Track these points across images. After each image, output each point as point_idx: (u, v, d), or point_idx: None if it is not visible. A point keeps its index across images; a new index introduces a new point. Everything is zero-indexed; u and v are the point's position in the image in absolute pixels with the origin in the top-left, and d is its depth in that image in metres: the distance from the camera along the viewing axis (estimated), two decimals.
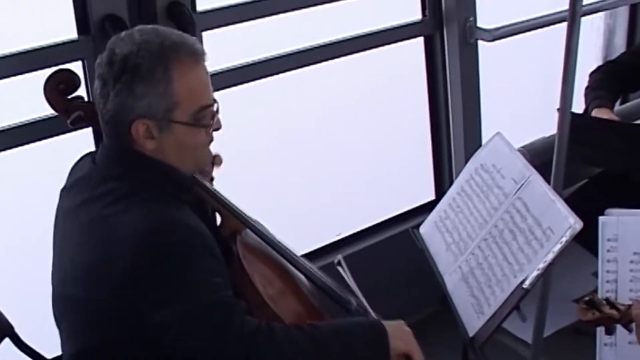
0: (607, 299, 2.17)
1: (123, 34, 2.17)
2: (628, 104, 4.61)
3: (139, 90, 2.10)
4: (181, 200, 2.21)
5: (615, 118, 3.63)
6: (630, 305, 2.16)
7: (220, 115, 2.25)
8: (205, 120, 2.20)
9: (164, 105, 2.12)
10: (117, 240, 2.08)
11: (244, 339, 2.10)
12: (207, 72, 2.21)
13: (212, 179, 2.55)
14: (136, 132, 2.14)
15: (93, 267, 2.12)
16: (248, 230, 2.51)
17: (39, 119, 2.75)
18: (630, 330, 2.19)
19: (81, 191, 2.24)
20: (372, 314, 2.58)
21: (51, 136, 2.79)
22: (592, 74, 3.87)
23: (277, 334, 2.13)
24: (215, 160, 2.53)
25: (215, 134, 2.31)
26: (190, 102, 2.15)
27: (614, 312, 2.15)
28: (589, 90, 3.78)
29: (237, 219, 2.48)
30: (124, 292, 2.07)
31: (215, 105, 2.23)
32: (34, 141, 2.79)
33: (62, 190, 2.35)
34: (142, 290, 2.06)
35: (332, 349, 2.19)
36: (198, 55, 2.17)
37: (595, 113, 3.63)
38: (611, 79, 3.79)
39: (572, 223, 2.28)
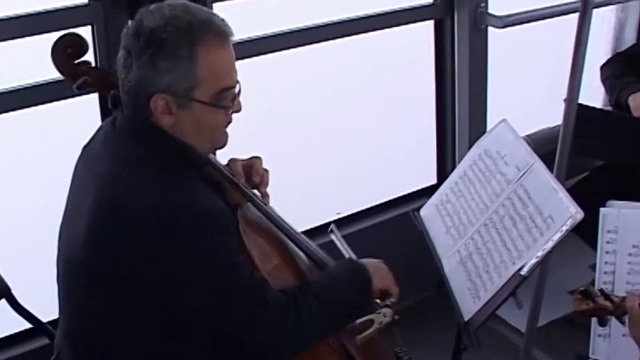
0: (601, 290, 2.18)
1: (152, 6, 2.16)
2: None
3: (162, 65, 2.09)
4: (195, 173, 2.21)
5: None
6: (624, 298, 2.17)
7: (239, 97, 2.24)
8: (226, 101, 2.19)
9: (185, 83, 2.11)
10: (136, 213, 2.07)
11: (276, 314, 2.16)
12: (232, 54, 2.19)
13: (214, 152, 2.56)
14: (155, 106, 2.13)
15: (99, 237, 2.12)
16: (249, 204, 2.51)
17: (45, 82, 2.75)
18: (623, 323, 2.20)
19: (95, 155, 2.25)
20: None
21: (58, 99, 2.79)
22: (604, 66, 3.86)
23: (300, 305, 2.21)
24: (264, 175, 2.58)
25: None
26: (213, 82, 2.14)
27: (607, 303, 2.16)
28: (611, 80, 3.75)
29: (239, 192, 2.48)
30: (144, 273, 2.08)
31: (238, 87, 2.23)
32: (40, 104, 2.79)
33: (83, 149, 2.35)
34: (163, 271, 2.07)
35: (331, 303, 2.29)
36: (225, 36, 2.16)
37: (634, 99, 3.61)
38: (630, 68, 3.77)
39: (573, 212, 2.28)
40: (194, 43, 2.10)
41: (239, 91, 2.23)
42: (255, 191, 2.53)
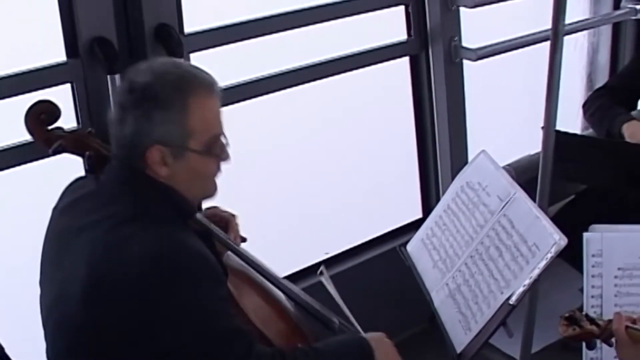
0: (587, 315, 2.20)
1: (143, 65, 2.26)
2: None
3: (157, 117, 2.17)
4: (185, 225, 2.26)
5: None
6: (610, 321, 2.18)
7: (228, 146, 2.31)
8: (217, 150, 2.27)
9: (180, 133, 2.19)
10: (127, 265, 2.09)
11: None
12: (219, 104, 2.29)
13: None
14: (151, 157, 2.19)
15: (97, 288, 2.13)
16: (229, 252, 2.53)
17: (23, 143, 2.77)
18: (610, 345, 2.22)
19: (84, 211, 2.26)
20: (357, 326, 2.61)
21: (35, 160, 2.80)
22: (587, 103, 3.89)
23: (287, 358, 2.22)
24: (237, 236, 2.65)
25: None
26: (205, 131, 2.23)
27: (593, 327, 2.17)
28: (600, 113, 3.77)
29: (219, 242, 2.50)
30: (134, 317, 2.09)
31: (224, 137, 2.30)
32: (22, 164, 2.81)
33: (55, 210, 2.37)
34: (155, 316, 2.08)
35: None
36: (212, 87, 2.26)
37: (631, 129, 3.63)
38: (615, 99, 3.81)
39: (557, 239, 2.30)
40: (185, 94, 2.19)
41: (227, 141, 2.30)
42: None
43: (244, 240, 2.67)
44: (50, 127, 2.48)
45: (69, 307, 2.18)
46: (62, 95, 2.75)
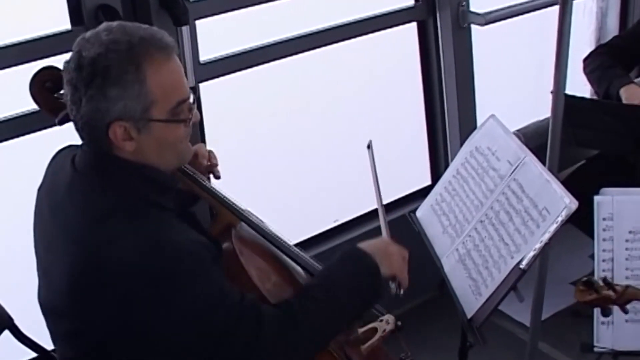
0: (604, 279, 2.18)
1: (88, 34, 2.09)
2: None
3: (112, 93, 2.01)
4: (166, 208, 2.15)
5: None
6: (627, 286, 2.17)
7: (195, 106, 2.18)
8: (183, 114, 2.13)
9: (140, 106, 2.04)
10: (112, 273, 2.00)
11: (273, 335, 2.10)
12: (179, 65, 2.13)
13: (209, 175, 2.55)
14: (114, 135, 2.06)
15: (87, 296, 2.05)
16: (242, 223, 2.50)
17: (27, 112, 2.76)
18: (626, 312, 2.21)
19: (60, 202, 2.17)
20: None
21: (41, 129, 2.80)
22: (588, 59, 3.87)
23: (297, 315, 2.15)
24: (211, 155, 2.54)
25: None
26: (166, 98, 2.07)
27: (610, 292, 2.16)
28: (600, 72, 3.75)
29: (232, 212, 2.47)
30: (134, 328, 2.03)
31: (192, 97, 2.16)
32: (24, 135, 2.81)
33: (40, 190, 2.30)
34: (158, 320, 2.02)
35: (332, 302, 2.23)
36: (169, 50, 2.09)
37: (629, 92, 3.61)
38: (616, 59, 3.78)
39: (568, 203, 2.29)
40: (139, 63, 2.02)
41: (194, 101, 2.17)
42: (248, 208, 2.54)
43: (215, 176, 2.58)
44: (56, 95, 2.44)
45: (56, 302, 2.14)
46: None
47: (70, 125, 2.27)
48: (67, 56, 2.66)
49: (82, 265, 2.04)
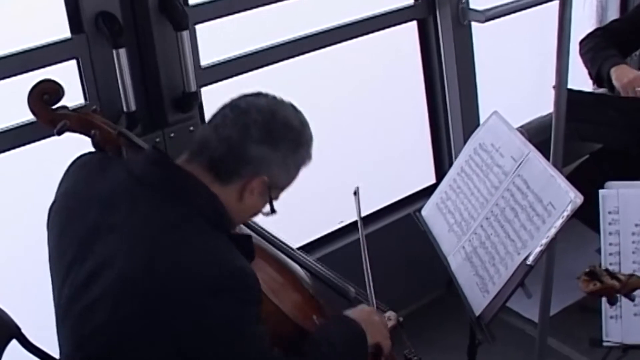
0: (607, 270, 2.17)
1: (285, 101, 2.28)
2: None
3: (287, 160, 2.19)
4: (223, 231, 2.17)
5: (637, 73, 3.59)
6: (631, 275, 2.17)
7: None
8: (275, 197, 2.26)
9: (285, 183, 2.24)
10: (175, 273, 2.01)
11: None
12: None
13: None
14: (254, 184, 2.16)
15: (131, 294, 2.04)
16: (241, 226, 2.50)
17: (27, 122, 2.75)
18: (632, 300, 2.20)
19: (118, 209, 2.15)
20: (371, 294, 2.60)
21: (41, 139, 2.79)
22: (584, 40, 3.85)
23: None
24: None
25: None
26: (287, 187, 2.27)
27: (614, 282, 2.15)
28: (593, 53, 3.74)
29: None
30: (166, 329, 2.03)
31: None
32: (27, 144, 2.80)
33: (64, 194, 2.30)
34: (199, 331, 2.03)
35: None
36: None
37: (618, 72, 3.59)
38: (611, 41, 3.77)
39: (573, 197, 2.29)
40: (305, 159, 2.26)
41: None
42: None
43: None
44: (54, 107, 2.44)
45: (94, 314, 2.11)
46: (68, 72, 2.73)
47: (67, 136, 2.28)
48: (67, 64, 2.69)
49: (149, 261, 2.04)
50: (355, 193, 2.85)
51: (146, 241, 2.07)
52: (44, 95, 2.42)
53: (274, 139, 2.16)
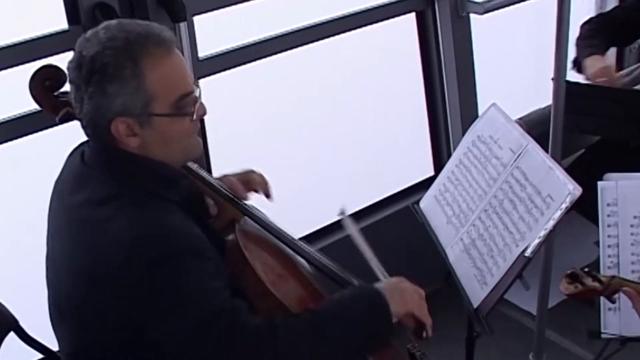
0: (588, 272, 2.16)
1: (89, 33, 2.12)
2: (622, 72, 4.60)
3: (111, 89, 2.05)
4: (169, 200, 2.16)
5: (607, 64, 3.61)
6: (612, 277, 2.16)
7: (203, 101, 2.19)
8: (187, 108, 2.13)
9: (140, 101, 2.07)
10: (105, 250, 2.03)
11: (249, 342, 2.06)
12: (181, 59, 2.15)
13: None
14: (116, 131, 2.09)
15: (84, 276, 2.09)
16: (246, 218, 2.49)
17: (28, 112, 2.75)
18: (613, 302, 2.20)
19: (68, 190, 2.21)
20: (382, 276, 2.55)
21: (41, 130, 2.79)
22: (583, 25, 3.85)
23: (280, 330, 2.09)
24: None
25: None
26: (167, 93, 2.09)
27: (596, 284, 2.14)
28: (580, 41, 3.75)
29: (235, 207, 2.47)
30: (119, 304, 2.04)
31: (197, 91, 2.17)
32: (27, 134, 2.79)
33: (56, 183, 2.32)
34: (138, 303, 2.03)
35: (334, 332, 2.16)
36: (168, 44, 2.10)
37: (589, 61, 3.60)
38: (603, 29, 3.77)
39: (572, 189, 2.28)
40: (136, 59, 2.05)
41: (200, 94, 2.18)
42: (251, 202, 2.53)
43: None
44: (56, 93, 2.43)
45: (61, 295, 2.18)
46: (65, 64, 2.72)
47: (70, 125, 2.27)
48: (65, 56, 2.68)
49: (80, 243, 2.09)
50: (342, 213, 2.78)
51: (79, 222, 2.12)
52: (46, 82, 2.40)
53: (84, 84, 2.07)
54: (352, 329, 2.19)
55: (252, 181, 2.52)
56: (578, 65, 3.69)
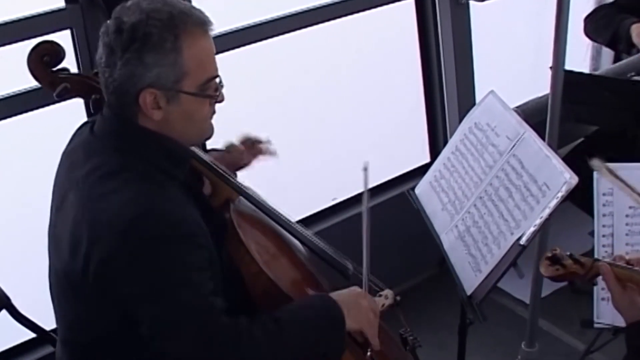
0: (570, 255, 2.14)
1: (129, 2, 2.12)
2: (621, 62, 4.60)
3: (148, 59, 2.05)
4: (173, 177, 2.17)
5: None
6: (594, 260, 2.13)
7: (222, 87, 2.20)
8: (211, 91, 2.16)
9: (173, 75, 2.07)
10: (102, 224, 2.04)
11: (213, 343, 2.07)
12: (212, 43, 2.16)
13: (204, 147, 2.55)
14: (144, 101, 2.09)
15: (81, 248, 2.08)
16: (241, 197, 2.49)
17: (26, 90, 2.74)
18: (594, 285, 2.18)
19: (76, 161, 2.20)
20: (365, 274, 2.55)
21: (39, 107, 2.78)
22: (590, 15, 3.82)
23: (243, 336, 2.09)
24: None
25: None
26: (198, 72, 2.11)
27: (578, 267, 2.12)
28: (605, 20, 3.70)
29: (230, 187, 2.46)
30: (110, 280, 2.05)
31: (219, 78, 2.19)
32: (23, 112, 2.78)
33: (63, 154, 2.31)
34: (125, 281, 2.04)
35: (293, 339, 2.17)
36: (206, 26, 2.13)
37: (636, 27, 3.57)
38: (619, 12, 3.74)
39: (568, 178, 2.27)
40: (177, 34, 2.06)
41: (221, 81, 2.20)
42: (247, 183, 2.53)
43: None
44: (54, 69, 2.42)
45: (62, 262, 2.17)
46: (61, 42, 2.71)
47: (67, 104, 2.26)
48: (62, 34, 2.67)
49: (83, 215, 2.09)
50: (366, 169, 2.79)
51: (84, 192, 2.11)
52: (44, 57, 2.39)
53: (121, 50, 2.06)
54: (308, 337, 2.21)
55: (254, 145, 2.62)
56: (616, 39, 3.65)
